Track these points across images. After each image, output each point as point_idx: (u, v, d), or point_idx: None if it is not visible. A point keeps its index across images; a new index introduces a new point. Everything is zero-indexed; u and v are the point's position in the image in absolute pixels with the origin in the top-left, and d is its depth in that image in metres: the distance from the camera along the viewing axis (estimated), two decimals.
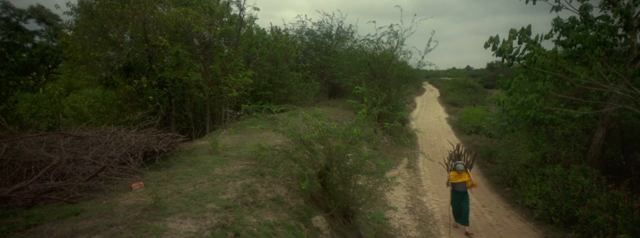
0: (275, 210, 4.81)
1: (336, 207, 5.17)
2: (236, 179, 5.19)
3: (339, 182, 5.29)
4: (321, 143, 5.16)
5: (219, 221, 3.89)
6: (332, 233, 5.01)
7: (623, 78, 4.79)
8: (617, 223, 5.13)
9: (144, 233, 3.35)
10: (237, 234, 3.84)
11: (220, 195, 4.55)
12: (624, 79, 4.78)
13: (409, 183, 9.78)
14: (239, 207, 4.40)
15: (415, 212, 7.82)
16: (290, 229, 4.43)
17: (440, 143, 15.97)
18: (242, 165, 5.87)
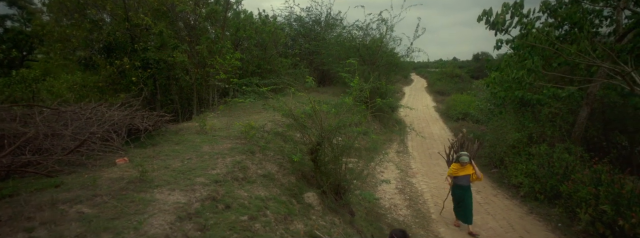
0: (267, 185, 4.72)
1: (328, 183, 5.12)
2: (225, 156, 5.05)
3: (330, 159, 5.22)
4: (312, 120, 5.06)
5: (209, 193, 3.78)
6: (323, 209, 4.97)
7: (610, 54, 4.87)
8: (599, 195, 5.30)
9: (130, 204, 3.20)
10: (228, 206, 3.74)
11: (209, 170, 4.42)
12: (611, 55, 4.86)
13: (398, 166, 9.86)
14: (229, 182, 4.29)
15: (405, 192, 7.90)
16: (281, 204, 4.36)
17: (428, 130, 16.16)
18: (231, 144, 5.72)
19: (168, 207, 3.25)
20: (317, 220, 4.57)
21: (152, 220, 2.96)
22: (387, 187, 8.18)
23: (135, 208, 3.13)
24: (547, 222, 6.28)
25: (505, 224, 6.22)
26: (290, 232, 3.99)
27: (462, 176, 5.88)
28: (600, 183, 5.44)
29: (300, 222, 4.26)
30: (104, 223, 2.78)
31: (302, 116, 4.91)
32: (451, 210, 6.34)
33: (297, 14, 19.30)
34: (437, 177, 9.09)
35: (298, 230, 4.10)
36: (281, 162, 5.67)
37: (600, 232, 5.23)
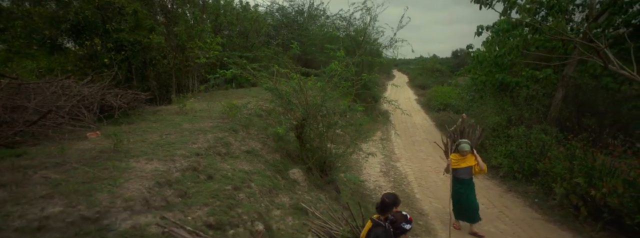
0: (250, 161, 4.57)
1: (313, 160, 5.03)
2: (207, 133, 4.85)
3: (316, 135, 5.13)
4: (297, 95, 4.93)
5: (190, 164, 3.59)
6: (309, 185, 4.88)
7: (588, 32, 5.05)
8: (573, 169, 5.52)
9: (103, 170, 2.98)
10: (210, 177, 3.57)
11: (189, 144, 4.22)
12: (588, 33, 5.04)
13: (382, 153, 9.94)
14: (211, 156, 4.11)
15: (390, 175, 7.95)
16: (266, 178, 4.23)
17: (410, 120, 16.42)
18: (213, 123, 5.52)
19: (146, 174, 3.05)
20: (302, 195, 4.48)
21: (128, 185, 2.76)
22: (372, 170, 8.21)
23: (109, 174, 2.92)
24: (525, 198, 6.50)
25: (486, 201, 6.38)
26: (275, 204, 3.87)
27: (462, 168, 4.90)
28: (574, 158, 5.67)
29: (286, 196, 4.15)
30: (73, 187, 2.56)
31: (286, 91, 4.77)
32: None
33: (280, 4, 18.96)
34: (420, 161, 9.22)
35: (283, 203, 3.99)
36: (265, 140, 5.53)
37: (574, 204, 5.45)
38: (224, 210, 3.07)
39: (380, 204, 2.84)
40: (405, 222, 2.45)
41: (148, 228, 2.40)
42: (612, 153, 5.52)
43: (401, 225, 2.43)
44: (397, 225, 2.44)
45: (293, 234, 3.41)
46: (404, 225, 2.43)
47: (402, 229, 2.42)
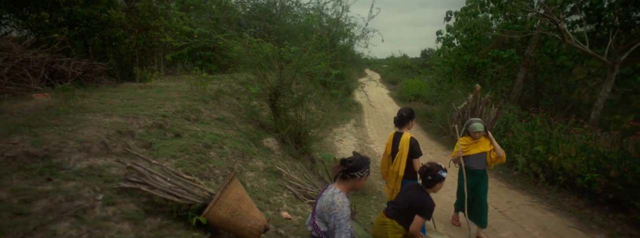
0: (222, 127, 4.36)
1: (287, 130, 4.90)
2: (174, 100, 4.57)
3: (290, 105, 5.01)
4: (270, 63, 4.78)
5: (155, 122, 3.34)
6: (283, 154, 4.76)
7: (547, 7, 5.39)
8: (534, 138, 5.87)
9: (52, 120, 2.66)
10: (178, 135, 3.34)
11: (155, 109, 3.93)
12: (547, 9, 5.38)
13: (357, 137, 10.03)
14: (178, 119, 3.86)
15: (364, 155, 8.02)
16: (239, 143, 4.05)
17: (383, 110, 16.83)
18: (181, 95, 5.21)
19: (105, 124, 2.78)
20: (276, 162, 4.35)
21: (82, 131, 2.49)
22: (346, 151, 8.24)
23: (60, 121, 2.61)
24: (489, 171, 6.82)
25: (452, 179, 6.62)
26: (248, 167, 3.72)
27: (474, 155, 3.71)
28: (534, 129, 6.04)
29: (260, 160, 4.01)
30: (14, 127, 2.25)
31: (260, 56, 4.60)
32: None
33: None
34: None
35: (257, 166, 3.85)
36: (237, 112, 5.32)
37: (534, 171, 5.80)
38: (194, 163, 2.89)
39: (398, 118, 3.20)
40: (442, 170, 2.35)
41: (108, 169, 2.17)
42: (567, 122, 5.95)
43: (438, 173, 2.33)
44: (434, 172, 2.36)
45: (268, 192, 3.28)
46: (441, 173, 2.35)
47: (440, 177, 2.33)
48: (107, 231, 1.66)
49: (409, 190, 2.47)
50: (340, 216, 1.76)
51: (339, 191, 1.84)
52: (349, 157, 1.93)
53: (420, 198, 2.32)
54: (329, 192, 1.87)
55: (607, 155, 4.61)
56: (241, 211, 2.12)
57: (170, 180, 2.12)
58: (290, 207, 3.12)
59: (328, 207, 1.81)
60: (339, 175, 1.87)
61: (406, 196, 2.45)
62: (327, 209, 1.81)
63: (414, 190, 2.42)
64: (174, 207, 2.06)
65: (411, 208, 2.33)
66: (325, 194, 1.89)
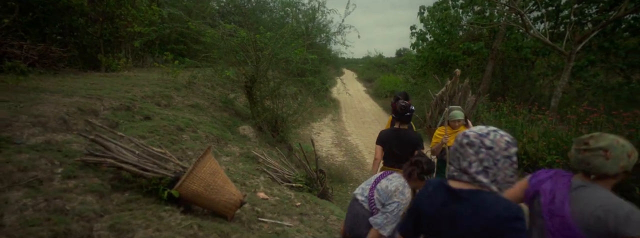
0: (196, 113, 4.22)
1: (263, 117, 4.83)
2: (143, 87, 4.35)
3: (267, 93, 4.94)
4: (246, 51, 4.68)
5: (122, 104, 3.16)
6: (260, 141, 4.68)
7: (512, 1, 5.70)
8: (501, 125, 6.19)
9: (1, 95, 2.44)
10: (148, 117, 3.19)
11: (122, 93, 3.72)
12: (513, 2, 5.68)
13: (334, 130, 10.09)
14: (148, 103, 3.68)
15: (341, 146, 8.08)
16: (214, 128, 3.93)
17: (360, 105, 17.05)
18: (151, 82, 4.98)
19: (65, 103, 2.58)
20: (253, 148, 4.27)
21: (38, 107, 2.30)
22: (324, 143, 8.26)
23: (10, 97, 2.40)
24: None
25: None
26: (224, 151, 3.62)
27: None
28: (502, 116, 6.37)
29: (236, 146, 3.91)
30: None
31: (235, 41, 4.49)
32: None
33: None
34: (369, 135, 9.54)
35: (233, 151, 3.76)
36: (212, 100, 5.16)
37: None
38: (165, 144, 2.76)
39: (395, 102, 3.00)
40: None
41: (68, 144, 2.02)
42: (531, 111, 6.32)
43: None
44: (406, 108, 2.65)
45: (244, 175, 3.21)
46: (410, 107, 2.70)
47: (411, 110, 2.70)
48: (68, 202, 1.55)
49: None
50: (401, 206, 1.84)
51: (408, 186, 1.91)
52: (422, 159, 1.94)
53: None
54: (400, 182, 1.92)
55: (564, 138, 4.95)
56: (215, 185, 2.05)
57: (139, 154, 2.01)
58: (267, 189, 3.07)
59: (395, 194, 1.87)
60: (412, 174, 1.91)
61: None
62: (392, 194, 1.87)
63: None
64: (143, 182, 1.96)
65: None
66: (396, 181, 1.93)
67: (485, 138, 0.99)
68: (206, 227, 1.81)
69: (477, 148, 0.99)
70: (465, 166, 1.01)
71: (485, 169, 0.99)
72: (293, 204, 2.84)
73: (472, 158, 1.00)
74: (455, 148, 1.05)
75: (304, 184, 3.56)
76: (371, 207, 1.91)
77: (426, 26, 9.42)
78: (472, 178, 1.00)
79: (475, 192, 1.00)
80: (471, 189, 1.01)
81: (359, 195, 1.99)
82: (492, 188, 0.99)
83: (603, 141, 1.21)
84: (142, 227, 1.63)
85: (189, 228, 1.73)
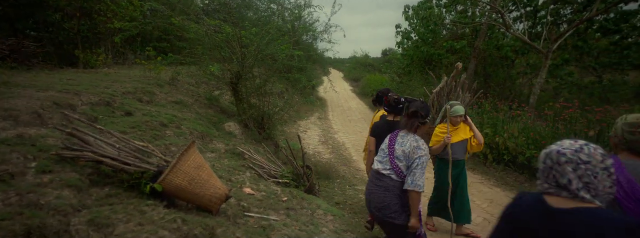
0: (180, 110, 4.13)
1: (249, 115, 4.77)
2: (124, 83, 4.23)
3: (253, 90, 4.89)
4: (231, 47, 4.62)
5: (102, 99, 3.06)
6: (246, 139, 4.63)
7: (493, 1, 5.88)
8: (483, 122, 6.36)
9: None
10: (130, 114, 3.10)
11: (102, 89, 3.60)
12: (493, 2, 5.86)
13: (321, 128, 10.11)
14: (129, 99, 3.57)
15: (329, 144, 8.10)
16: (199, 125, 3.86)
17: (347, 104, 17.18)
18: (132, 79, 4.84)
19: (40, 97, 2.47)
20: (239, 145, 4.22)
21: (10, 100, 2.19)
22: (311, 141, 8.25)
23: None
24: None
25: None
26: (209, 148, 3.56)
27: (456, 144, 3.16)
28: (484, 113, 6.54)
29: (221, 143, 3.86)
30: None
31: (220, 37, 4.42)
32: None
33: None
34: (356, 133, 9.60)
35: (219, 148, 3.70)
36: (197, 97, 5.07)
37: (483, 152, 6.28)
38: (148, 140, 2.68)
39: (375, 98, 3.24)
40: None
41: (43, 139, 1.94)
42: (511, 108, 6.53)
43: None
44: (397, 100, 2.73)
45: (230, 171, 3.17)
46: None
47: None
48: (42, 196, 1.48)
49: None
50: (425, 158, 1.97)
51: (420, 138, 2.05)
52: (414, 105, 2.10)
53: None
54: (410, 139, 2.03)
55: (542, 133, 5.14)
56: (200, 179, 2.01)
57: (120, 148, 1.95)
58: (254, 185, 3.04)
59: (414, 151, 1.98)
60: (415, 125, 2.04)
61: None
62: (412, 153, 1.98)
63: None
64: (124, 176, 1.90)
65: None
66: (406, 141, 2.03)
67: (581, 154, 1.01)
68: (191, 221, 1.78)
69: (575, 165, 1.01)
70: (565, 183, 1.02)
71: (586, 185, 1.00)
72: (280, 199, 2.83)
73: (572, 175, 1.01)
74: (550, 166, 1.07)
75: (291, 180, 3.55)
76: (400, 176, 2.01)
77: (411, 25, 9.58)
78: (575, 195, 1.01)
79: (582, 209, 1.00)
80: (577, 207, 1.01)
81: (383, 170, 2.07)
82: (596, 203, 0.99)
83: None
84: (123, 221, 1.58)
85: (173, 223, 1.69)
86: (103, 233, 1.47)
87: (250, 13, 18.48)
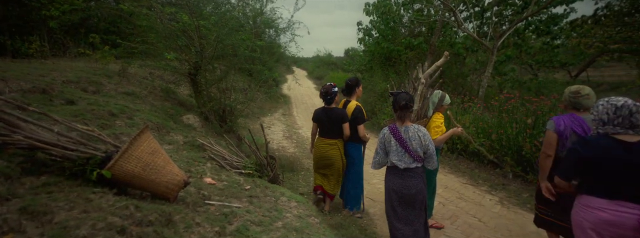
0: (132, 101, 3.84)
1: (210, 106, 4.59)
2: (65, 71, 3.83)
3: (213, 82, 4.70)
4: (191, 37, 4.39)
5: (36, 86, 2.74)
6: (207, 131, 4.44)
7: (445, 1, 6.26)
8: None
9: None
10: (72, 102, 2.82)
11: (36, 76, 3.22)
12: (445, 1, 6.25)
13: (285, 123, 10.04)
14: (71, 88, 3.24)
15: (292, 139, 8.07)
16: (154, 116, 3.62)
17: (311, 101, 17.25)
18: (75, 69, 4.39)
19: None
20: (198, 137, 4.03)
21: None
22: (275, 136, 8.17)
23: None
24: None
25: None
26: (166, 140, 3.36)
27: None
28: None
29: (179, 134, 3.66)
30: None
31: (175, 25, 4.18)
32: None
33: None
34: None
35: (176, 140, 3.50)
36: (152, 89, 4.75)
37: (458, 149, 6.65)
38: (96, 128, 2.45)
39: (345, 87, 3.42)
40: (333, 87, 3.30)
41: None
42: (463, 100, 7.02)
43: (332, 90, 3.26)
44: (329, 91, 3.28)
45: (189, 162, 3.01)
46: (333, 89, 3.26)
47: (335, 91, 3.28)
48: None
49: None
50: (432, 143, 2.31)
51: (416, 125, 2.33)
52: (400, 97, 2.32)
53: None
54: (411, 129, 2.30)
55: (490, 123, 5.59)
56: (155, 165, 1.89)
57: (59, 132, 1.76)
58: (215, 175, 2.93)
59: (423, 138, 2.27)
60: (407, 115, 2.31)
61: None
62: (422, 139, 2.27)
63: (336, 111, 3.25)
64: (66, 163, 1.72)
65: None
66: (411, 133, 2.29)
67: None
68: (145, 208, 1.66)
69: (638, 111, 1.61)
70: (638, 123, 1.60)
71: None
72: (242, 188, 2.76)
73: (637, 117, 1.60)
74: (628, 114, 1.61)
75: (254, 171, 3.48)
76: (420, 161, 2.31)
77: (372, 22, 9.86)
78: (638, 131, 1.60)
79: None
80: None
81: (409, 165, 2.30)
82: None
83: (587, 91, 2.20)
84: (64, 209, 1.43)
85: (124, 209, 1.57)
86: (39, 221, 1.32)
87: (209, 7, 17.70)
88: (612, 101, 1.67)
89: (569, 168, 1.74)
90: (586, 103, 2.19)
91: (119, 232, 1.37)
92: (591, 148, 1.65)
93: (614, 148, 1.60)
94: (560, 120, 2.20)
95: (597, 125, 1.73)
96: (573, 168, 1.72)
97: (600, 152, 1.62)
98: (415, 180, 2.32)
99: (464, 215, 3.73)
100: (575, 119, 2.17)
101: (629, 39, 8.01)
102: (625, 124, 1.61)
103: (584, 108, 2.21)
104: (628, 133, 1.61)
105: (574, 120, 2.17)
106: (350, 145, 3.41)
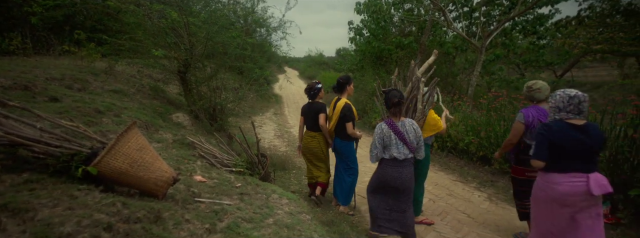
0: (120, 99, 3.76)
1: (200, 105, 4.53)
2: (48, 68, 3.72)
3: (203, 80, 4.64)
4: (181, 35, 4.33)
5: (18, 83, 2.66)
6: (197, 130, 4.38)
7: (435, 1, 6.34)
8: None
9: None
10: (56, 99, 2.75)
11: (18, 73, 3.13)
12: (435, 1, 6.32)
13: (277, 123, 10.00)
14: (55, 85, 3.16)
15: (284, 138, 8.05)
16: (142, 114, 3.56)
17: (302, 101, 17.20)
18: (59, 66, 4.28)
19: None
20: (188, 135, 3.98)
21: None
22: (267, 135, 8.13)
23: None
24: None
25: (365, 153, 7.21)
26: (155, 138, 3.30)
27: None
28: None
29: (168, 133, 3.60)
30: None
31: (164, 22, 4.11)
32: None
33: None
34: None
35: (166, 138, 3.45)
36: (140, 87, 4.65)
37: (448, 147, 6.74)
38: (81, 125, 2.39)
39: (336, 85, 3.48)
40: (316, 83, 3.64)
41: None
42: (453, 99, 7.11)
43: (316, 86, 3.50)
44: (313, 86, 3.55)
45: (178, 160, 2.97)
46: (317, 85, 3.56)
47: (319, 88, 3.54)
48: None
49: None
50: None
51: (409, 118, 2.60)
52: (392, 94, 2.51)
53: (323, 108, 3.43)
54: (407, 123, 2.53)
55: (478, 121, 5.69)
56: (144, 162, 1.86)
57: (41, 128, 1.71)
58: (205, 173, 2.89)
59: (417, 130, 2.54)
60: (401, 110, 2.55)
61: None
62: (418, 132, 2.54)
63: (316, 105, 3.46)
64: (49, 160, 1.67)
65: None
66: (407, 125, 2.52)
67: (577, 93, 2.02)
68: (133, 204, 1.63)
69: (585, 100, 1.99)
70: (585, 110, 1.98)
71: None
72: (233, 186, 2.73)
73: (584, 105, 1.99)
74: (578, 102, 1.98)
75: (245, 168, 3.45)
76: (413, 151, 2.55)
77: (363, 21, 9.91)
78: (585, 116, 1.99)
79: (588, 123, 2.01)
80: (586, 123, 2.00)
81: (405, 156, 2.51)
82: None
83: (538, 85, 2.57)
84: (47, 206, 1.39)
85: (111, 206, 1.53)
86: (21, 218, 1.28)
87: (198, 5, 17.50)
88: (567, 92, 2.02)
89: (542, 151, 2.04)
90: (538, 96, 2.55)
91: (106, 229, 1.34)
92: (554, 132, 2.00)
93: (569, 130, 1.98)
94: (528, 112, 2.53)
95: (554, 112, 2.06)
96: (545, 150, 2.03)
97: (562, 134, 1.98)
98: (409, 168, 2.59)
99: (453, 212, 3.78)
100: (540, 110, 2.53)
101: (610, 40, 8.26)
102: (575, 110, 1.98)
103: (536, 100, 2.57)
104: (577, 118, 2.00)
105: (539, 111, 2.52)
106: (338, 142, 3.44)
